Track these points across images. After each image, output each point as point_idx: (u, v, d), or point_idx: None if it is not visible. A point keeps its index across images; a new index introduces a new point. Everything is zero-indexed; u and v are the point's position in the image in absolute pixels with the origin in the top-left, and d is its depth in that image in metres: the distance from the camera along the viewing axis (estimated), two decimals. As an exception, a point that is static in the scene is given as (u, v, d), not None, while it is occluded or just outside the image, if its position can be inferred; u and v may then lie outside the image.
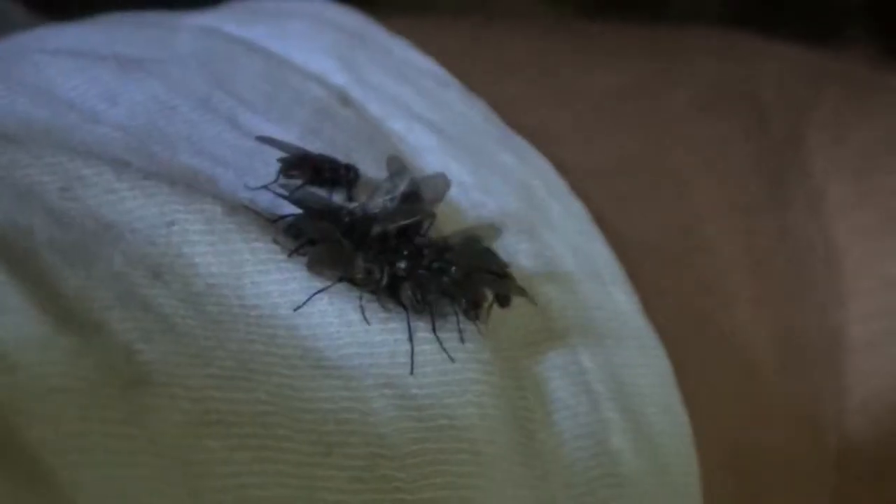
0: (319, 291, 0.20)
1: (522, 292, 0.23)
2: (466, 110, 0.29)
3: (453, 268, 0.22)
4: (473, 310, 0.21)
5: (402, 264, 0.21)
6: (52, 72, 0.26)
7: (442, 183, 0.24)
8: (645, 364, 0.25)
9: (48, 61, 0.26)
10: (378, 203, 0.23)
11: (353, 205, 0.23)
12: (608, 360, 0.25)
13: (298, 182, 0.23)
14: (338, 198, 0.24)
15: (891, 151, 0.35)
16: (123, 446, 0.17)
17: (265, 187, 0.23)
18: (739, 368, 0.29)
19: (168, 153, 0.23)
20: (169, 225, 0.21)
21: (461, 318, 0.21)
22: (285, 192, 0.23)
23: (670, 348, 0.26)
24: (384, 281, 0.21)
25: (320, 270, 0.21)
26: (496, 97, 0.29)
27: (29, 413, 0.16)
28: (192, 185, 0.22)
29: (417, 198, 0.24)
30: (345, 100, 0.28)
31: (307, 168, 0.23)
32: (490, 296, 0.22)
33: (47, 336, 0.17)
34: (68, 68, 0.26)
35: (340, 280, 0.21)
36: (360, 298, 0.21)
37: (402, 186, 0.23)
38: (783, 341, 0.31)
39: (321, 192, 0.23)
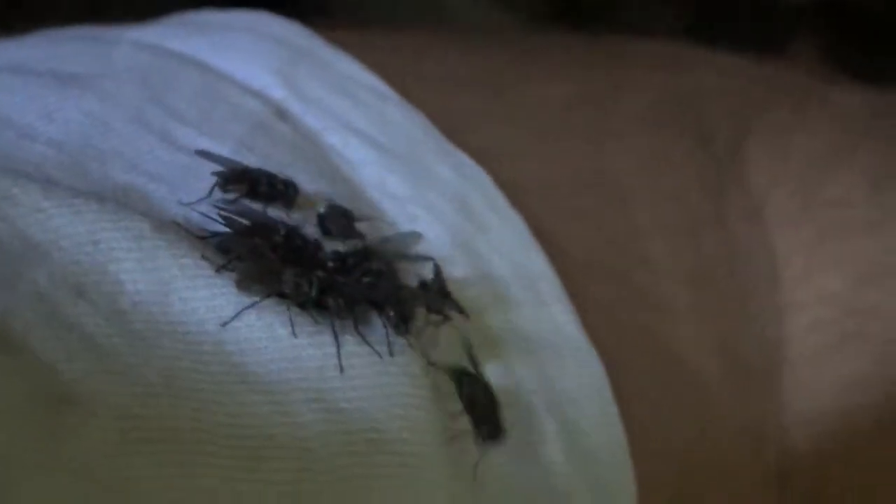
0: (248, 307, 0.21)
1: (456, 307, 0.23)
2: (405, 124, 0.29)
3: (381, 281, 0.22)
4: (403, 324, 0.22)
5: (327, 276, 0.22)
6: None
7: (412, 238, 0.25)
8: (580, 376, 0.26)
9: None
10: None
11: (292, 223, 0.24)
12: (543, 372, 0.25)
13: (234, 196, 0.24)
14: (274, 213, 0.24)
15: (832, 166, 0.36)
16: (47, 465, 0.17)
17: (200, 202, 0.23)
18: (679, 381, 0.30)
19: (101, 170, 0.24)
20: (95, 243, 0.21)
21: (391, 332, 0.22)
22: (217, 209, 0.23)
23: (609, 362, 0.26)
24: (313, 293, 0.21)
25: (248, 286, 0.21)
26: (438, 112, 0.30)
27: None
28: (122, 203, 0.23)
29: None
30: (282, 114, 0.28)
31: (244, 182, 0.24)
32: (422, 312, 0.23)
33: None
34: (5, 85, 0.27)
35: (269, 295, 0.21)
36: (290, 312, 0.21)
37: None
38: (724, 355, 0.31)
39: (257, 207, 0.24)
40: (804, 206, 0.35)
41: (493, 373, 0.24)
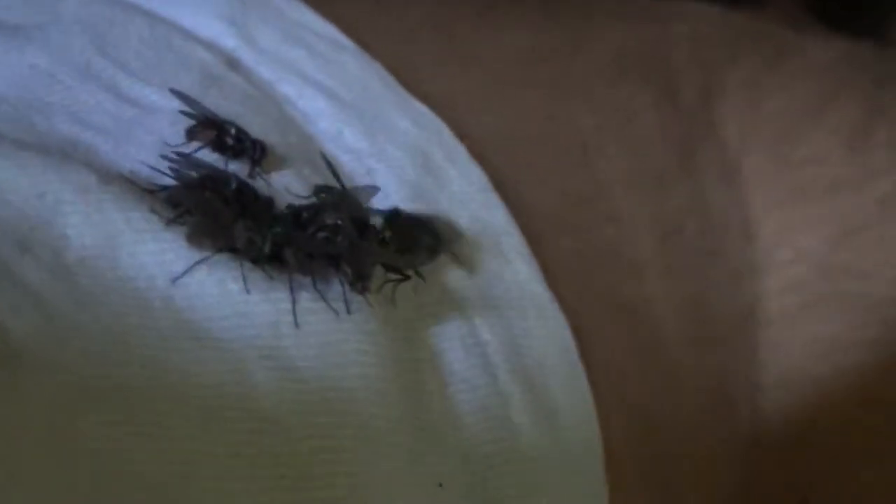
0: (199, 262, 0.21)
1: (411, 264, 0.24)
2: (362, 74, 0.29)
3: (339, 237, 0.22)
4: (359, 281, 0.22)
5: (285, 230, 0.22)
6: None
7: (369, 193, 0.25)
8: (546, 335, 0.26)
9: None
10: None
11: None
12: (507, 331, 0.25)
13: (199, 146, 0.24)
14: (234, 168, 0.24)
15: (807, 122, 0.36)
16: None
17: (166, 156, 0.23)
18: (645, 340, 0.30)
19: (47, 123, 0.24)
20: (40, 196, 0.21)
21: (348, 289, 0.22)
22: (166, 161, 0.23)
23: (573, 319, 0.27)
24: (266, 248, 0.22)
25: (199, 241, 0.21)
26: (396, 62, 0.30)
27: None
28: (68, 156, 0.23)
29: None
30: (233, 64, 0.28)
31: (209, 132, 0.24)
32: (378, 270, 0.23)
33: None
34: None
35: (221, 251, 0.21)
36: (242, 268, 0.21)
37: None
38: (692, 313, 0.32)
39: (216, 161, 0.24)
40: (778, 162, 0.35)
41: (453, 332, 0.24)
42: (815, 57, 0.39)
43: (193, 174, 0.23)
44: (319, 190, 0.24)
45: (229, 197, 0.23)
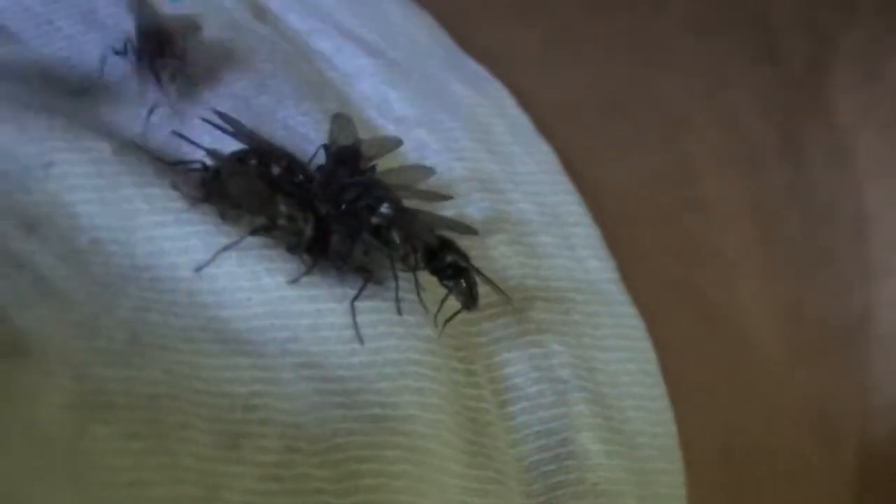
0: (226, 248, 0.22)
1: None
2: (409, 27, 0.30)
3: (384, 204, 0.24)
4: (413, 254, 0.23)
5: (328, 207, 0.23)
6: None
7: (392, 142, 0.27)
8: (622, 347, 0.27)
9: None
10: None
11: None
12: (578, 341, 0.26)
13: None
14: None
15: None
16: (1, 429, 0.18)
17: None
18: (736, 354, 0.31)
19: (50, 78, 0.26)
20: (47, 167, 0.22)
21: (399, 284, 0.23)
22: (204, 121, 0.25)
23: (651, 327, 0.28)
24: (308, 232, 0.23)
25: (236, 218, 0.22)
26: (445, 10, 0.31)
27: None
28: (73, 118, 0.24)
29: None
30: (259, 12, 0.29)
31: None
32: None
33: None
34: None
35: (254, 233, 0.22)
36: (279, 257, 0.23)
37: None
38: (792, 324, 0.32)
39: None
40: None
41: (515, 339, 0.25)
42: None
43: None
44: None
45: (274, 174, 0.24)
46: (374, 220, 0.23)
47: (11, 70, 0.25)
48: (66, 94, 0.25)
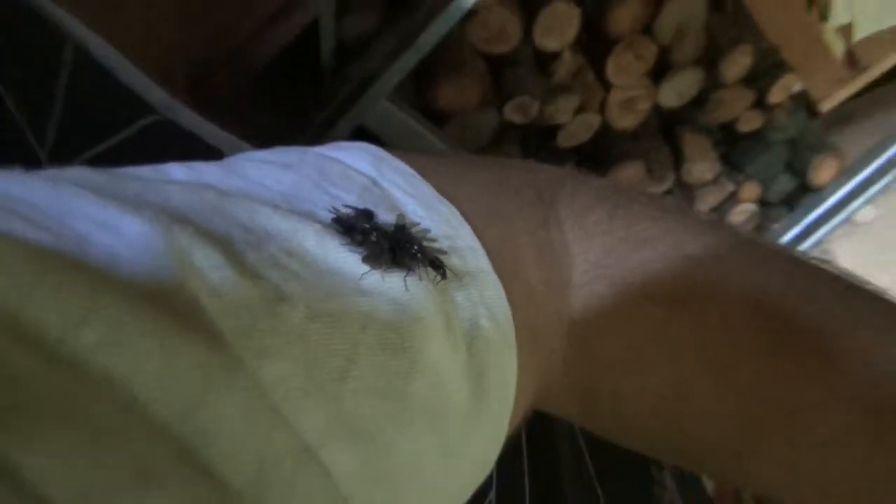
0: (374, 271, 0.34)
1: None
2: (438, 203, 0.43)
3: (415, 246, 0.37)
4: (436, 269, 0.37)
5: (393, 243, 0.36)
6: (253, 173, 0.38)
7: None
8: (495, 293, 0.40)
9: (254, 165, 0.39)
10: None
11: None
12: (480, 292, 0.39)
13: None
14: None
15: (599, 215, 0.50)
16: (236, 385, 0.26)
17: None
18: (527, 298, 0.44)
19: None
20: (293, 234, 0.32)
21: (428, 273, 0.37)
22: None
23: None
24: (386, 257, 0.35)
25: (372, 261, 0.34)
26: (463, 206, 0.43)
27: None
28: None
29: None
30: (375, 184, 0.41)
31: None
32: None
33: (240, 282, 0.28)
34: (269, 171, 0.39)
35: (365, 259, 0.34)
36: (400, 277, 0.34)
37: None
38: (547, 287, 0.46)
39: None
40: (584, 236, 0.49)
41: (459, 295, 0.38)
42: (591, 182, 0.55)
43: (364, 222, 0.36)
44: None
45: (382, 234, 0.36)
46: (413, 248, 0.36)
47: None
48: None
